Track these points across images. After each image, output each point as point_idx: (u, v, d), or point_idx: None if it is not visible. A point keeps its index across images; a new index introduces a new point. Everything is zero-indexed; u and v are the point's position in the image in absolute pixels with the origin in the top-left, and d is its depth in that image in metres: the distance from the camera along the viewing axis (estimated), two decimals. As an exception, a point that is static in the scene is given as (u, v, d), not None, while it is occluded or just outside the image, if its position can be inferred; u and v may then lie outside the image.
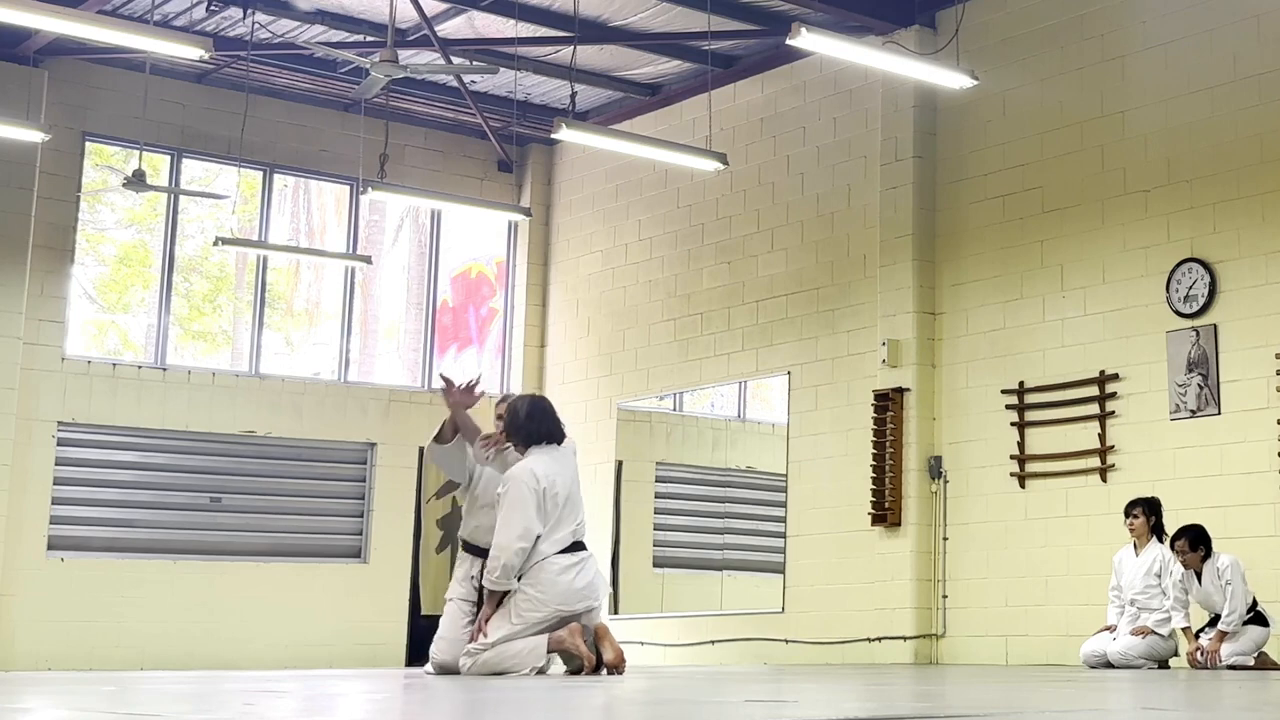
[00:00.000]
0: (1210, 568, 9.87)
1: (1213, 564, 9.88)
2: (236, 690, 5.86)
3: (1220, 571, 9.81)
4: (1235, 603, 9.73)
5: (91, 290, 15.24)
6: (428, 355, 16.26)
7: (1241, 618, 9.75)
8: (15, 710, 4.50)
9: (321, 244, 16.18)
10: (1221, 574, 9.80)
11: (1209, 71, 11.18)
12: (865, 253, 13.24)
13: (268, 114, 15.07)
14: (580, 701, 5.13)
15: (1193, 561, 9.91)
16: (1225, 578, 9.76)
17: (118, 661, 13.78)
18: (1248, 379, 10.72)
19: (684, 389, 15.07)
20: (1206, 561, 9.89)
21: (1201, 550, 9.89)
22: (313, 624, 14.93)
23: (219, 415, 14.79)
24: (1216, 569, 9.84)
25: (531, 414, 7.83)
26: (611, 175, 15.82)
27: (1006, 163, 12.38)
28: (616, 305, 15.67)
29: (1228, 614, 9.73)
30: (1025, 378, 12.05)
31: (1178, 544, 9.93)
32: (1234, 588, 9.74)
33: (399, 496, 15.67)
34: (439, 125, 16.17)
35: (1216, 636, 9.74)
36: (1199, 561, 9.90)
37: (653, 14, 13.45)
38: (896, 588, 12.38)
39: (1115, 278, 11.56)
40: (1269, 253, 10.72)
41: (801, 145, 13.98)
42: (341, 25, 13.57)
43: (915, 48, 12.37)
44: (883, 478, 12.57)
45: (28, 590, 13.70)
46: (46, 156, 13.94)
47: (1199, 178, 11.16)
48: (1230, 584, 9.74)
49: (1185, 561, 9.93)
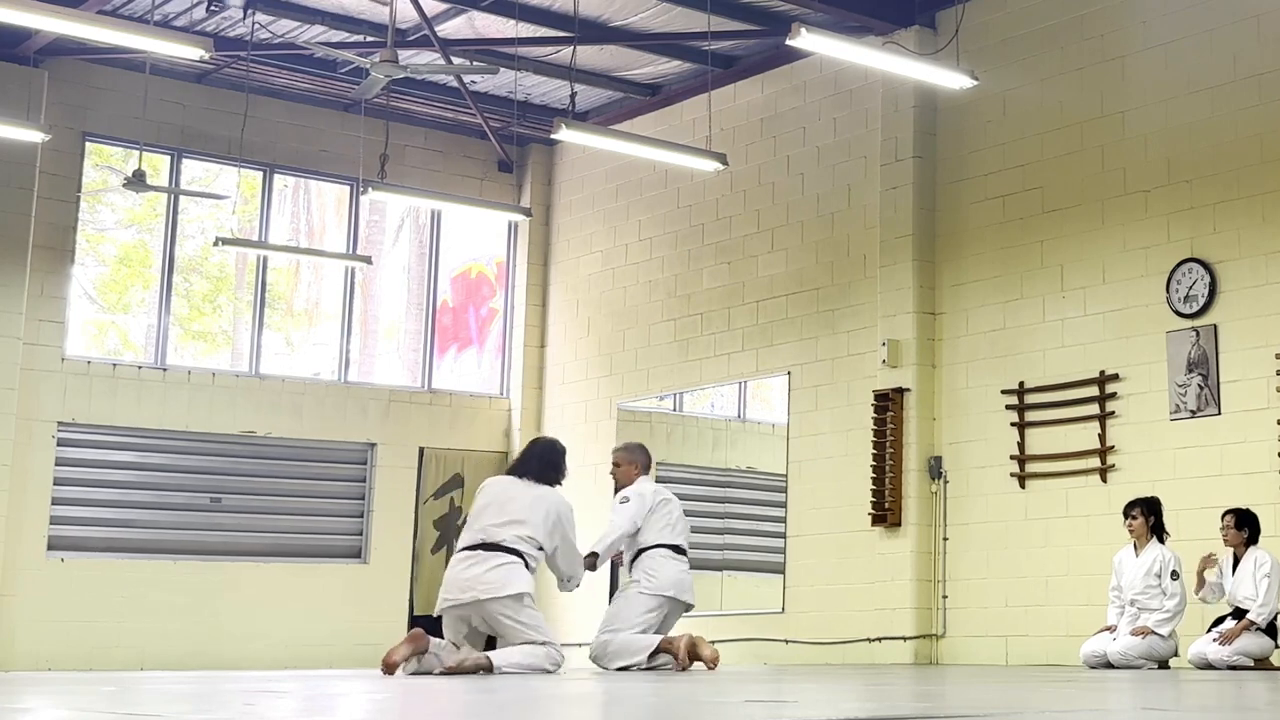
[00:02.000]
0: (1250, 557, 9.90)
1: (1254, 555, 9.90)
2: (236, 690, 5.86)
3: (1260, 564, 9.84)
4: (1269, 596, 9.75)
5: (91, 290, 15.24)
6: (428, 355, 16.26)
7: (1273, 613, 9.77)
8: (15, 710, 4.50)
9: (321, 244, 16.18)
10: (1260, 566, 9.83)
11: (1209, 71, 11.18)
12: (865, 253, 13.24)
13: (268, 114, 15.07)
14: (581, 701, 5.13)
15: (1234, 539, 9.94)
16: (1265, 571, 9.79)
17: (118, 661, 13.78)
18: (1248, 379, 10.72)
19: (684, 389, 15.07)
20: (1250, 548, 9.91)
21: (1246, 532, 9.93)
22: (313, 624, 14.93)
23: (219, 415, 14.79)
24: (1256, 560, 9.87)
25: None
26: (611, 175, 15.81)
27: (1006, 163, 12.38)
28: (616, 305, 15.66)
29: (1260, 605, 9.75)
30: (1025, 378, 12.05)
31: (1226, 519, 9.97)
32: (1271, 583, 9.76)
33: (399, 497, 15.67)
34: (439, 125, 16.17)
35: (1243, 624, 9.75)
36: (1241, 542, 9.92)
37: (653, 14, 13.45)
38: (896, 588, 12.37)
39: (1115, 278, 11.56)
40: (1269, 253, 10.72)
41: (801, 145, 13.98)
42: (341, 25, 13.57)
43: (915, 48, 12.37)
44: (883, 478, 12.56)
45: (28, 590, 13.70)
46: (46, 156, 13.94)
47: (1199, 178, 11.15)
48: (1270, 579, 9.76)
49: (1227, 539, 9.96)
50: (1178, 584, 10.13)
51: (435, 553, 15.81)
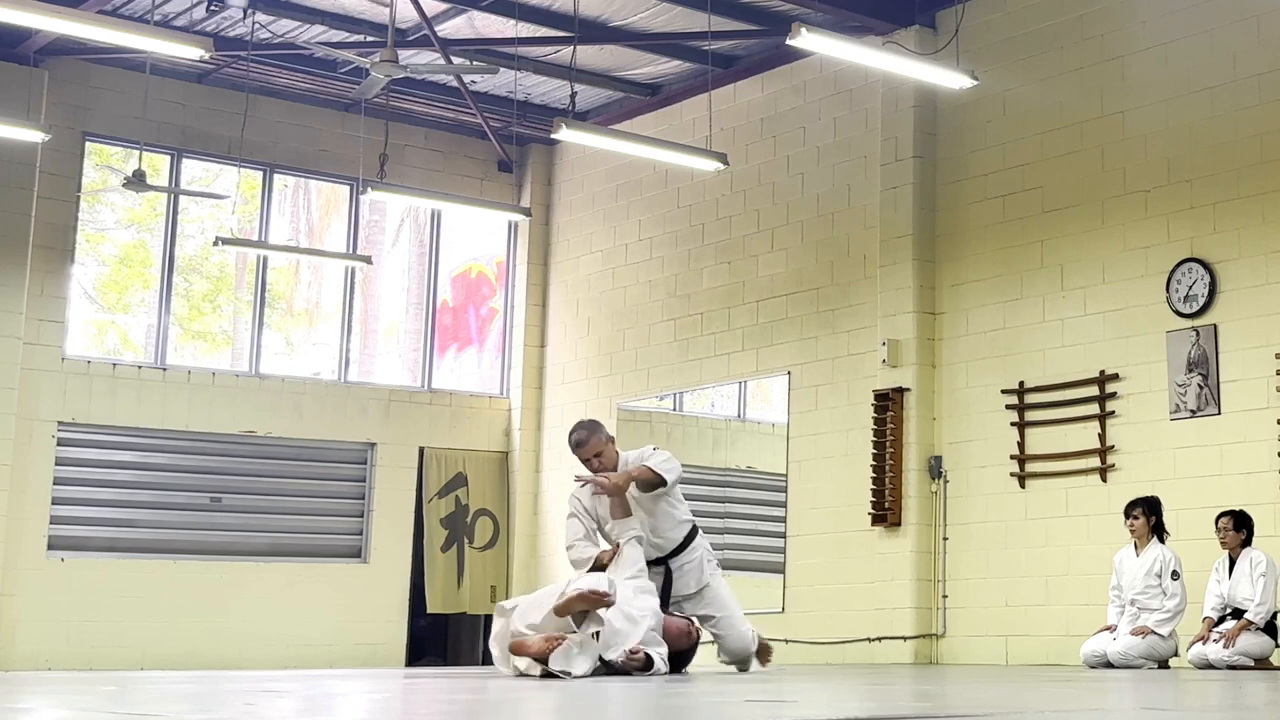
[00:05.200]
0: (1245, 557, 9.90)
1: (1248, 555, 9.90)
2: (236, 690, 5.86)
3: (1255, 564, 9.84)
4: (1265, 595, 9.75)
5: (91, 290, 15.24)
6: (428, 355, 16.26)
7: (1270, 611, 9.77)
8: (15, 710, 4.50)
9: (321, 244, 16.18)
10: (1255, 566, 9.83)
11: (1209, 71, 11.18)
12: (865, 253, 13.24)
13: (268, 114, 15.07)
14: (580, 701, 5.13)
15: (1231, 541, 9.94)
16: (1260, 570, 9.79)
17: (118, 661, 13.78)
18: (1248, 379, 10.72)
19: (684, 389, 15.07)
20: (1245, 549, 9.92)
21: (1243, 534, 9.93)
22: (313, 624, 14.93)
23: (219, 415, 14.79)
24: (1250, 560, 9.87)
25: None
26: (611, 175, 15.81)
27: (1006, 163, 12.37)
28: (616, 305, 15.66)
29: (1258, 604, 9.75)
30: (1025, 378, 12.05)
31: (1221, 521, 9.97)
32: (1267, 582, 9.76)
33: (399, 496, 15.67)
34: (439, 125, 16.17)
35: (1241, 624, 9.75)
36: (1238, 544, 9.93)
37: (653, 14, 13.45)
38: (896, 588, 12.37)
39: (1115, 278, 11.56)
40: (1269, 253, 10.72)
41: (801, 145, 13.98)
42: (341, 25, 13.57)
43: (915, 48, 12.37)
44: (883, 478, 12.56)
45: (28, 590, 13.70)
46: (46, 156, 13.94)
47: (1199, 178, 11.15)
48: (1265, 578, 9.76)
49: (1224, 541, 9.96)
50: (1178, 584, 10.13)
51: (446, 550, 15.82)
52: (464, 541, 15.95)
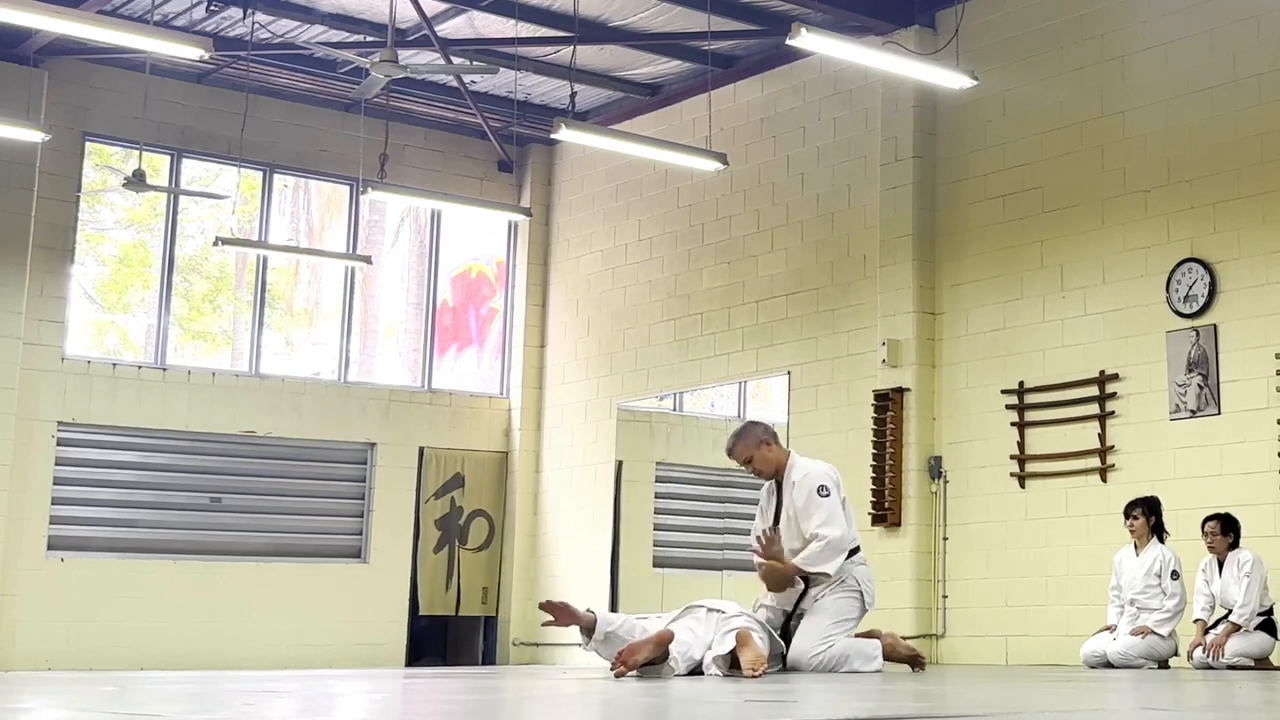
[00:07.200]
0: (1233, 559, 9.90)
1: (1236, 556, 9.90)
2: (236, 690, 5.86)
3: (1241, 564, 9.83)
4: (1249, 596, 9.74)
5: (91, 290, 15.24)
6: (428, 355, 16.26)
7: (1255, 613, 9.76)
8: (15, 710, 4.50)
9: (321, 244, 16.18)
10: (1241, 567, 9.82)
11: (1209, 71, 11.18)
12: (865, 253, 13.24)
13: (268, 114, 15.07)
14: (579, 701, 5.14)
15: (1219, 545, 9.93)
16: (1245, 571, 9.79)
17: (118, 661, 13.77)
18: (1248, 379, 10.72)
19: (684, 389, 15.07)
20: (1232, 551, 9.91)
21: (1231, 537, 9.93)
22: (313, 624, 14.93)
23: (219, 415, 14.80)
24: (1238, 561, 9.87)
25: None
26: (611, 175, 15.81)
27: (1006, 163, 12.38)
28: (616, 305, 15.66)
29: (1240, 606, 9.74)
30: (1025, 378, 12.05)
31: (1209, 525, 9.97)
32: (1251, 582, 9.75)
33: (399, 496, 15.67)
34: (439, 125, 16.17)
35: (1227, 629, 9.75)
36: (1225, 548, 9.92)
37: (653, 14, 13.45)
38: (896, 588, 12.36)
39: (1115, 278, 11.56)
40: (1269, 253, 10.72)
41: (801, 145, 13.98)
42: (341, 25, 13.57)
43: (915, 48, 12.37)
44: (883, 478, 12.57)
45: (28, 590, 13.70)
46: (46, 156, 13.94)
47: (1199, 178, 11.15)
48: (1249, 578, 9.75)
49: (1212, 545, 9.96)
50: (1178, 584, 10.13)
51: (438, 552, 15.82)
52: (455, 544, 15.94)
